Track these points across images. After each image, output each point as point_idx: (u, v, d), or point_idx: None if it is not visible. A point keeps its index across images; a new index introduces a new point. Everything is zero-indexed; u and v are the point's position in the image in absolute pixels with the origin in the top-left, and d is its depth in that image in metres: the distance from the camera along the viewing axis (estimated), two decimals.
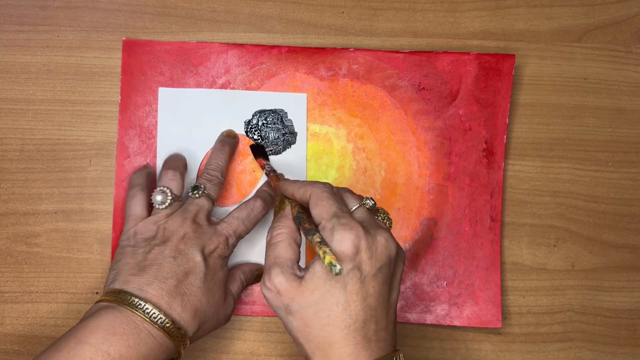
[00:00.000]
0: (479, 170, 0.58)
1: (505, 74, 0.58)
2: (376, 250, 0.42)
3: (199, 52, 0.57)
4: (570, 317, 0.59)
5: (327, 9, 0.59)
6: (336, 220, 0.43)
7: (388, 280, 0.43)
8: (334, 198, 0.45)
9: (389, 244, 0.43)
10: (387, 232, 0.44)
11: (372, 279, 0.42)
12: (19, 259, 0.57)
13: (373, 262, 0.42)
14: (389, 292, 0.44)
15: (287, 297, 0.43)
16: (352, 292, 0.41)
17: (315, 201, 0.45)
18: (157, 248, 0.48)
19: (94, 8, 0.58)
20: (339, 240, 0.42)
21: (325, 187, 0.46)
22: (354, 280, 0.42)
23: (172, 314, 0.45)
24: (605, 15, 0.60)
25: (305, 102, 0.58)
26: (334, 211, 0.44)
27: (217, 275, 0.49)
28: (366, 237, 0.42)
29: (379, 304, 0.42)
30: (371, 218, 0.45)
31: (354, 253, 0.42)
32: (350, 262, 0.42)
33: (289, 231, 0.46)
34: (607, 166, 0.60)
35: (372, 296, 0.42)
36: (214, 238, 0.49)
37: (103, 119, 0.58)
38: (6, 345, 0.56)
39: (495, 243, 0.58)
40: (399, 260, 0.45)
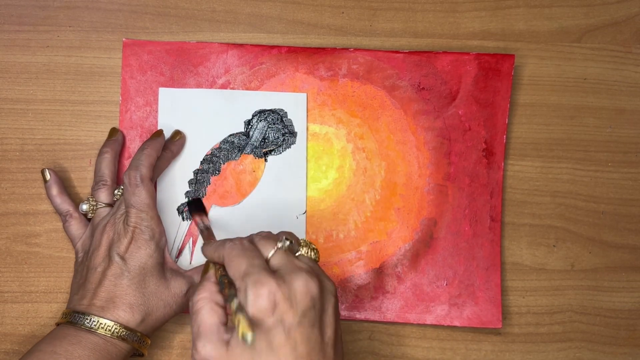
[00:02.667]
0: (479, 170, 0.58)
1: (505, 74, 0.58)
2: (295, 297, 0.41)
3: (199, 52, 0.58)
4: (570, 317, 0.59)
5: (327, 9, 0.59)
6: (248, 279, 0.42)
7: (317, 321, 0.42)
8: (245, 253, 0.44)
9: (309, 285, 0.42)
10: (305, 272, 0.43)
11: (297, 327, 0.41)
12: (19, 259, 0.57)
13: (295, 310, 0.41)
14: (321, 332, 0.42)
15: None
16: (279, 347, 0.40)
17: (228, 262, 0.44)
18: (88, 261, 0.52)
19: (94, 8, 0.58)
20: (252, 299, 0.41)
21: (234, 244, 0.45)
22: (278, 335, 0.40)
23: (105, 316, 0.48)
24: (605, 16, 0.60)
25: (305, 102, 0.58)
26: (244, 269, 0.43)
27: (146, 267, 0.50)
28: (281, 288, 0.41)
29: (312, 349, 0.41)
30: (288, 261, 0.44)
31: (272, 308, 0.41)
32: (270, 317, 0.41)
33: (209, 295, 0.45)
34: (606, 166, 0.60)
35: (302, 344, 0.41)
36: (126, 234, 0.50)
37: (103, 119, 0.58)
38: (6, 345, 0.56)
39: (495, 243, 0.58)
40: (327, 295, 0.44)
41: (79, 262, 0.53)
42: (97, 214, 0.54)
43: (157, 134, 0.55)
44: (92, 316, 0.48)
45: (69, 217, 0.54)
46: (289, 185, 0.57)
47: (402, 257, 0.57)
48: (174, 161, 0.57)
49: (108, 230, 0.51)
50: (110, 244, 0.51)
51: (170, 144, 0.56)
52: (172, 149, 0.56)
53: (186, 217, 0.57)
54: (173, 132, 0.57)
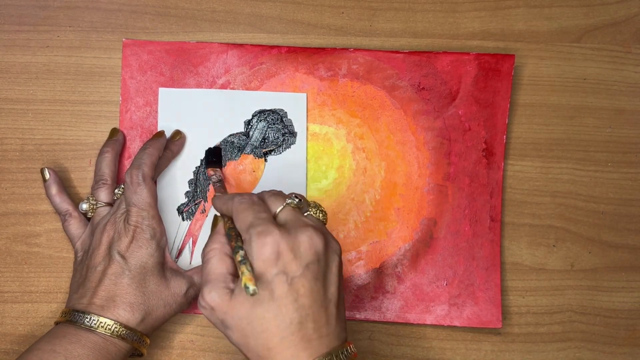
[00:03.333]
0: (479, 171, 0.58)
1: (505, 74, 0.58)
2: (299, 250, 0.42)
3: (199, 52, 0.58)
4: (569, 317, 0.59)
5: (327, 9, 0.59)
6: (253, 230, 0.43)
7: (320, 276, 0.43)
8: (253, 207, 0.45)
9: (314, 240, 0.43)
10: (312, 228, 0.43)
11: (300, 279, 0.42)
12: (19, 259, 0.57)
13: (298, 262, 0.42)
14: (324, 287, 0.43)
15: (221, 312, 0.43)
16: (280, 297, 0.41)
17: (236, 214, 0.45)
18: (88, 260, 0.51)
19: (94, 8, 0.58)
20: (257, 249, 0.42)
21: (243, 197, 0.46)
22: (280, 285, 0.41)
23: (105, 315, 0.48)
24: (605, 16, 0.60)
25: (305, 102, 0.58)
26: (250, 221, 0.44)
27: (146, 266, 0.50)
28: (285, 238, 0.42)
29: (314, 302, 0.42)
30: (295, 217, 0.45)
31: (275, 258, 0.42)
32: (273, 267, 0.42)
33: (220, 246, 0.46)
34: (606, 166, 0.60)
35: (304, 295, 0.42)
36: (127, 232, 0.50)
37: (103, 119, 0.58)
38: (6, 345, 0.56)
39: (495, 243, 0.58)
40: (331, 254, 0.44)
41: (78, 262, 0.53)
42: (97, 213, 0.54)
43: (159, 135, 0.55)
44: (92, 315, 0.48)
45: (68, 217, 0.54)
46: (289, 185, 0.57)
47: (402, 257, 0.57)
48: (174, 161, 0.57)
49: (108, 229, 0.51)
50: (110, 243, 0.51)
51: (170, 143, 0.56)
52: (172, 149, 0.56)
53: (186, 217, 0.57)
54: (173, 132, 0.57)
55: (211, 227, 0.49)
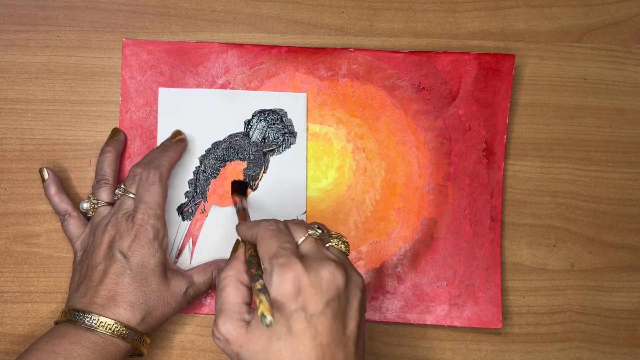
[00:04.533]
0: (479, 170, 0.58)
1: (505, 74, 0.58)
2: (320, 286, 0.41)
3: (199, 52, 0.58)
4: (570, 317, 0.59)
5: (327, 9, 0.59)
6: (275, 261, 0.42)
7: (340, 313, 0.42)
8: (278, 236, 0.44)
9: (336, 276, 0.42)
10: (333, 262, 0.42)
11: (319, 316, 0.41)
12: (19, 259, 0.57)
13: (319, 299, 0.41)
14: (344, 325, 0.42)
15: (236, 345, 0.42)
16: (298, 334, 0.40)
17: (260, 241, 0.44)
18: (88, 260, 0.51)
19: (94, 8, 0.58)
20: (278, 282, 0.41)
21: (270, 225, 0.45)
22: (299, 321, 0.40)
23: (106, 314, 0.48)
24: (605, 16, 0.60)
25: (305, 102, 0.58)
26: (274, 251, 0.42)
27: (148, 265, 0.50)
28: (308, 273, 0.41)
29: (332, 340, 0.41)
30: (317, 250, 0.44)
31: (296, 293, 0.40)
32: (293, 302, 0.40)
33: (236, 273, 0.45)
34: (606, 166, 0.60)
35: (322, 333, 0.40)
36: (129, 231, 0.50)
37: (103, 119, 0.58)
38: (6, 345, 0.56)
39: (496, 243, 0.58)
40: (353, 289, 0.43)
41: (77, 261, 0.53)
42: (98, 213, 0.54)
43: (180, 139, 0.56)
44: (92, 314, 0.48)
45: (67, 216, 0.54)
46: (289, 185, 0.57)
47: (402, 257, 0.57)
48: None
49: (109, 228, 0.51)
50: (111, 242, 0.50)
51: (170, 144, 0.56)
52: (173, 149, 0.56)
53: (186, 217, 0.57)
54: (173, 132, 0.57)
55: (231, 252, 0.48)
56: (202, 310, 0.57)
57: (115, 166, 0.55)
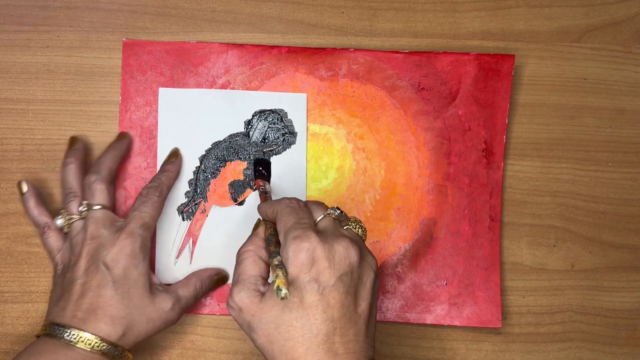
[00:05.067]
0: (479, 171, 0.58)
1: (505, 74, 0.58)
2: (334, 259, 0.41)
3: (199, 52, 0.58)
4: (570, 317, 0.59)
5: (327, 9, 0.59)
6: (291, 233, 0.42)
7: (352, 290, 0.42)
8: (296, 212, 0.45)
9: (349, 252, 0.42)
10: (349, 239, 0.43)
11: (331, 290, 0.41)
12: (19, 259, 0.57)
13: (332, 272, 0.41)
14: (355, 302, 0.42)
15: (248, 314, 0.43)
16: (310, 306, 0.41)
17: (279, 217, 0.45)
18: (69, 273, 0.50)
19: (94, 8, 0.58)
20: (292, 253, 0.41)
21: (291, 202, 0.46)
22: (311, 293, 0.41)
23: (86, 329, 0.47)
24: (605, 16, 0.60)
25: (305, 102, 0.58)
26: (292, 224, 0.43)
27: (131, 277, 0.49)
28: (322, 245, 0.41)
29: (343, 315, 0.41)
30: (334, 227, 0.45)
31: (310, 264, 0.41)
32: (306, 274, 0.41)
33: (255, 248, 0.46)
34: (607, 166, 0.60)
35: (334, 307, 0.41)
36: (115, 242, 0.49)
37: (103, 119, 0.58)
38: (6, 345, 0.56)
39: (495, 243, 0.58)
40: (366, 268, 0.43)
41: (58, 274, 0.52)
42: (73, 228, 0.52)
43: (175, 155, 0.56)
44: (72, 329, 0.47)
45: (47, 229, 0.53)
46: (289, 185, 0.57)
47: (402, 257, 0.57)
48: None
49: (89, 241, 0.50)
50: (93, 254, 0.49)
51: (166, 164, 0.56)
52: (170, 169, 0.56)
53: (186, 217, 0.57)
54: (170, 151, 0.57)
55: (252, 229, 0.49)
56: (202, 310, 0.57)
57: (81, 176, 0.54)
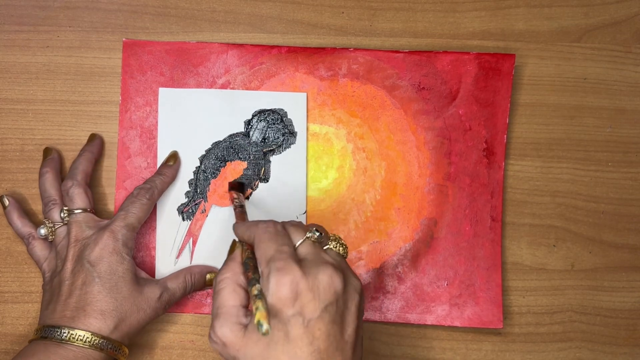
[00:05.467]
0: (479, 170, 0.58)
1: (505, 73, 0.58)
2: (318, 290, 0.41)
3: (199, 52, 0.58)
4: (570, 317, 0.59)
5: (327, 9, 0.59)
6: (272, 265, 0.41)
7: (338, 318, 0.41)
8: (275, 238, 0.43)
9: (334, 280, 0.41)
10: (331, 266, 0.42)
11: (317, 322, 0.40)
12: (19, 259, 0.57)
13: (316, 304, 0.40)
14: (341, 329, 0.41)
15: (233, 349, 0.42)
16: (295, 339, 0.40)
17: (258, 243, 0.44)
18: (56, 278, 0.51)
19: (94, 8, 0.58)
20: (275, 287, 0.40)
21: (268, 226, 0.44)
22: (297, 327, 0.40)
23: (77, 326, 0.47)
24: (605, 15, 0.60)
25: (305, 102, 0.58)
26: (271, 255, 0.42)
27: (117, 272, 0.50)
28: (305, 278, 0.40)
29: (329, 345, 0.40)
30: (315, 253, 0.43)
31: (294, 298, 0.40)
32: (290, 307, 0.40)
33: (232, 275, 0.44)
34: (607, 166, 0.60)
35: (320, 339, 0.40)
36: (98, 240, 0.50)
37: (103, 119, 0.58)
38: (6, 345, 0.56)
39: (496, 243, 0.58)
40: (351, 293, 0.43)
41: (46, 282, 0.52)
42: (57, 235, 0.53)
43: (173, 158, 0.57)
44: (63, 328, 0.47)
45: (31, 239, 0.54)
46: (289, 185, 0.57)
47: (403, 257, 0.57)
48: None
49: (73, 243, 0.51)
50: (78, 255, 0.50)
51: (164, 167, 0.56)
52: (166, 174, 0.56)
53: (186, 217, 0.57)
54: (168, 154, 0.57)
55: (228, 253, 0.47)
56: (202, 310, 0.57)
57: (58, 184, 0.55)
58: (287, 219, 0.56)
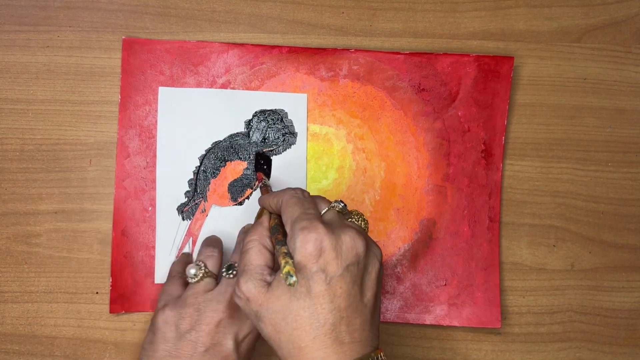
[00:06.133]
0: (478, 171, 0.58)
1: (504, 75, 0.58)
2: (341, 249, 0.42)
3: (199, 51, 0.57)
4: (570, 317, 0.59)
5: (327, 9, 0.59)
6: (298, 224, 0.42)
7: (358, 279, 0.42)
8: (302, 202, 0.45)
9: (356, 242, 0.42)
10: (355, 230, 0.43)
11: (338, 280, 0.41)
12: (19, 259, 0.57)
13: (339, 262, 0.41)
14: (361, 292, 0.42)
15: (255, 303, 0.43)
16: (317, 295, 0.41)
17: (285, 207, 0.45)
18: (188, 337, 0.49)
19: (94, 8, 0.58)
20: (300, 243, 0.41)
21: (295, 192, 0.46)
22: (319, 283, 0.41)
23: None
24: (605, 16, 0.60)
25: (305, 102, 0.58)
26: (298, 215, 0.43)
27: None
28: (329, 236, 0.41)
29: (349, 305, 0.41)
30: (339, 219, 0.45)
31: (317, 254, 0.41)
32: (314, 264, 0.41)
33: (259, 237, 0.46)
34: (606, 166, 0.60)
35: (341, 297, 0.41)
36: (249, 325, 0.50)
37: (103, 119, 0.58)
38: (6, 345, 0.56)
39: (494, 243, 0.58)
40: (372, 258, 0.44)
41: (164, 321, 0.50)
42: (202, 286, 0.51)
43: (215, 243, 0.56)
44: None
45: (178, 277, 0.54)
46: (289, 185, 0.57)
47: (402, 257, 0.57)
48: (174, 161, 0.57)
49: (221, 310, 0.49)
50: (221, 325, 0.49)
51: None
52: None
53: (186, 217, 0.57)
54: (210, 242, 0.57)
55: (255, 218, 0.49)
56: None
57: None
58: None
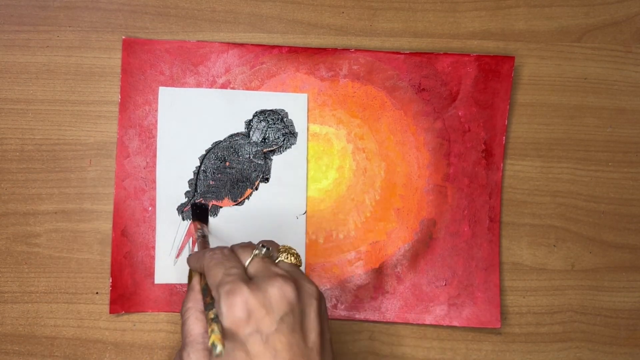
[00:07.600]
0: (478, 171, 0.58)
1: (505, 75, 0.58)
2: (270, 304, 0.41)
3: (199, 51, 0.57)
4: (570, 317, 0.59)
5: (327, 9, 0.59)
6: (222, 289, 0.41)
7: (297, 326, 0.41)
8: (222, 263, 0.43)
9: (284, 290, 0.41)
10: (281, 278, 0.42)
11: (275, 334, 0.40)
12: (19, 259, 0.57)
13: (271, 317, 0.40)
14: (304, 337, 0.41)
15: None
16: (258, 355, 0.40)
17: (207, 272, 0.44)
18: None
19: (94, 8, 0.58)
20: (226, 308, 0.40)
21: (214, 253, 0.45)
22: (256, 344, 0.40)
23: None
24: (605, 15, 0.60)
25: (305, 102, 0.58)
26: (220, 279, 0.42)
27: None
28: (254, 295, 0.40)
29: (294, 355, 0.40)
30: (265, 268, 0.43)
31: (247, 317, 0.40)
32: (245, 327, 0.40)
33: (194, 304, 0.45)
34: (607, 166, 0.60)
35: (283, 350, 0.40)
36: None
37: (103, 119, 0.58)
38: (6, 345, 0.56)
39: (494, 243, 0.58)
40: (307, 299, 0.43)
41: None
42: None
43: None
44: None
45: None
46: (289, 186, 0.57)
47: (402, 257, 0.57)
48: (174, 161, 0.57)
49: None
50: None
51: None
52: None
53: (186, 217, 0.57)
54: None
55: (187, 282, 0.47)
56: None
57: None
58: (287, 219, 0.57)
